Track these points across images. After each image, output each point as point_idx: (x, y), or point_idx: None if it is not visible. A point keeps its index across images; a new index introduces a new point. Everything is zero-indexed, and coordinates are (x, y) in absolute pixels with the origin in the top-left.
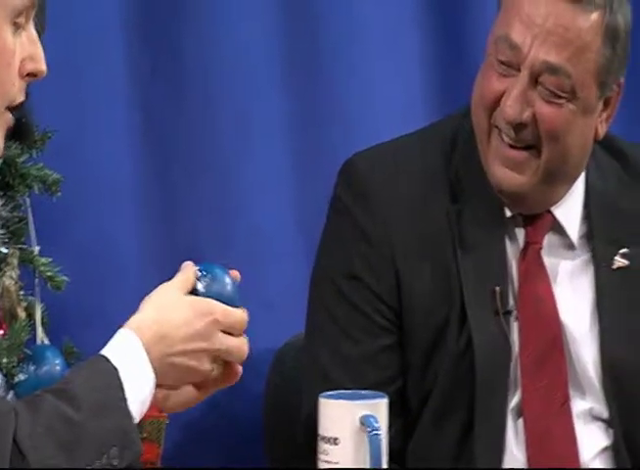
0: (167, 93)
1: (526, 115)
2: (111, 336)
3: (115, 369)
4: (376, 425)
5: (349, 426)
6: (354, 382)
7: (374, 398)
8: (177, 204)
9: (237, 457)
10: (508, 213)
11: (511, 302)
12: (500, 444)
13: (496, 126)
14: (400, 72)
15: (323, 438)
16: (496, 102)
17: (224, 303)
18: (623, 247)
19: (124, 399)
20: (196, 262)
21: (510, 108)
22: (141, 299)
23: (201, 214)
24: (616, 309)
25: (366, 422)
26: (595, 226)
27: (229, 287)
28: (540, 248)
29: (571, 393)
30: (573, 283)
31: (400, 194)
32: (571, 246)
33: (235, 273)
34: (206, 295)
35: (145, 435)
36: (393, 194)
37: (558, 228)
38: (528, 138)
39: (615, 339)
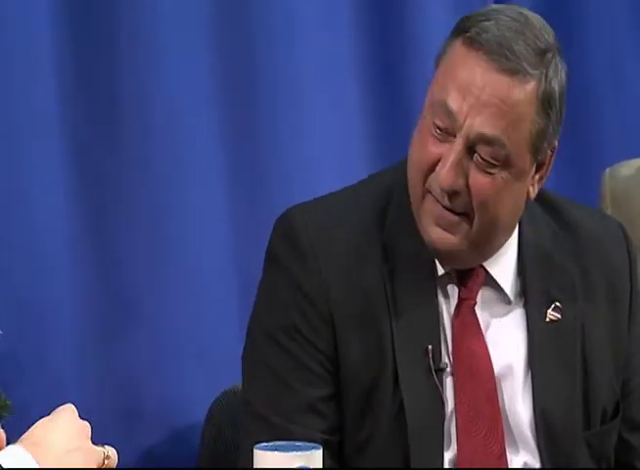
0: (103, 137)
1: (460, 183)
2: (45, 389)
3: None
4: None
5: None
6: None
7: (309, 449)
8: (111, 251)
9: None
10: (441, 271)
11: (445, 358)
12: None
13: (429, 191)
14: (341, 125)
15: None
16: (432, 167)
17: None
18: (556, 300)
19: None
20: None
21: (445, 177)
22: (76, 352)
23: (135, 262)
24: (547, 363)
25: None
26: (528, 280)
27: None
28: (474, 304)
29: (507, 446)
30: (508, 337)
31: (336, 250)
32: (505, 300)
33: None
34: None
35: None
36: (330, 250)
37: (492, 283)
38: (460, 207)
39: (546, 392)
